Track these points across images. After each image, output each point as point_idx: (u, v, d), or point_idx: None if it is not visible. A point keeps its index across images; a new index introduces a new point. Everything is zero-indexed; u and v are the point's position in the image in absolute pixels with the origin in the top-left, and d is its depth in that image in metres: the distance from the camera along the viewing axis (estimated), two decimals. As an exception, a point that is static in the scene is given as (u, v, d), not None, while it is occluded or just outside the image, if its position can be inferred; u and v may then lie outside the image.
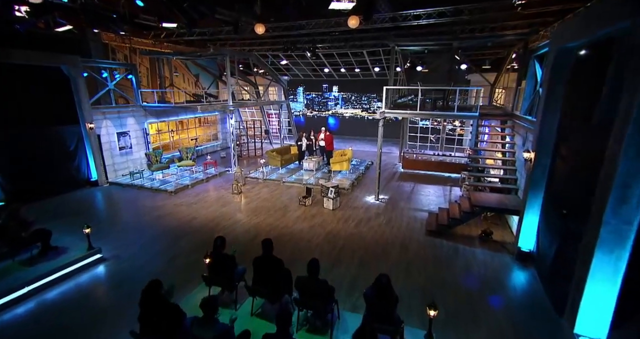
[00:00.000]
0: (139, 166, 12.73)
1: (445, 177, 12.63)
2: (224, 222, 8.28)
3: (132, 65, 12.53)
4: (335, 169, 12.40)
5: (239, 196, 10.25)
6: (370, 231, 7.82)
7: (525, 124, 7.09)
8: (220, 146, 17.73)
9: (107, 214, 8.99)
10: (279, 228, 7.94)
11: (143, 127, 12.91)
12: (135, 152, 12.67)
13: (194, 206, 9.37)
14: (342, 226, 8.06)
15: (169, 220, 8.41)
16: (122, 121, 12.12)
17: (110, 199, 10.15)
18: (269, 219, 8.46)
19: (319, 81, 21.53)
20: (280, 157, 12.81)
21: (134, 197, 10.18)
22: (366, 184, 11.70)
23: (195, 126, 16.59)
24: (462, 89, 11.35)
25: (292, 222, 8.27)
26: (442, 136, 15.30)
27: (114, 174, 11.89)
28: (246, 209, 9.20)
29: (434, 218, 8.08)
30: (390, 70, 9.71)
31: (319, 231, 7.81)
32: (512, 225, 7.75)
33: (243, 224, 8.14)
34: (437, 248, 6.96)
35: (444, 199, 10.06)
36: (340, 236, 7.55)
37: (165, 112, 13.85)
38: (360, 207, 9.42)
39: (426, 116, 8.52)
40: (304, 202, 9.41)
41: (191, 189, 10.92)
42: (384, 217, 8.66)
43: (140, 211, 9.05)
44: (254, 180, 11.96)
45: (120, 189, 10.99)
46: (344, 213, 8.91)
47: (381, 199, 9.96)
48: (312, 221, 8.36)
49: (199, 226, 8.04)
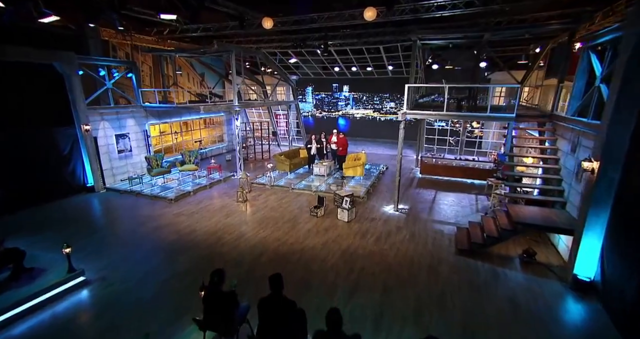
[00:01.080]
0: (140, 170, 12.00)
1: (468, 184, 11.59)
2: (227, 236, 7.42)
3: (132, 63, 11.81)
4: (348, 174, 11.47)
5: (244, 205, 9.39)
6: (392, 248, 6.87)
7: (576, 127, 6.06)
8: (226, 148, 16.94)
9: (99, 224, 8.21)
10: (288, 244, 7.04)
11: (144, 129, 12.17)
12: (135, 155, 11.93)
13: (195, 216, 8.54)
14: (359, 242, 7.12)
15: (167, 232, 7.59)
16: (122, 122, 11.40)
17: (105, 207, 9.40)
18: (277, 233, 7.57)
19: (329, 80, 20.59)
20: (288, 161, 11.93)
21: (131, 205, 9.40)
22: (382, 191, 10.74)
23: (200, 127, 15.85)
24: (484, 89, 10.28)
25: (302, 237, 7.37)
26: (462, 138, 14.24)
27: (112, 179, 11.17)
28: (252, 220, 8.33)
29: (465, 234, 7.08)
30: (411, 68, 8.77)
31: (333, 248, 6.89)
32: (556, 243, 6.71)
33: (248, 239, 7.27)
34: (472, 272, 5.97)
35: (471, 210, 9.04)
36: (359, 254, 6.61)
37: (168, 113, 13.11)
38: (378, 218, 8.47)
39: (454, 117, 7.54)
40: (315, 213, 8.50)
41: (193, 197, 10.11)
42: (406, 231, 7.69)
43: (137, 221, 8.26)
44: (260, 186, 11.10)
45: (118, 195, 10.23)
46: (360, 226, 7.97)
47: (401, 209, 8.99)
48: (325, 236, 7.44)
49: (199, 240, 7.19)
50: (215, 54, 13.17)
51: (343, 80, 20.39)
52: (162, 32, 13.61)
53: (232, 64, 11.08)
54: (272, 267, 6.09)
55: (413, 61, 8.71)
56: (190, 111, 13.98)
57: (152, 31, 13.66)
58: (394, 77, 18.12)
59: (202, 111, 10.16)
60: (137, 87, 11.84)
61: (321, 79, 20.44)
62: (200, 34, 12.92)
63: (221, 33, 12.52)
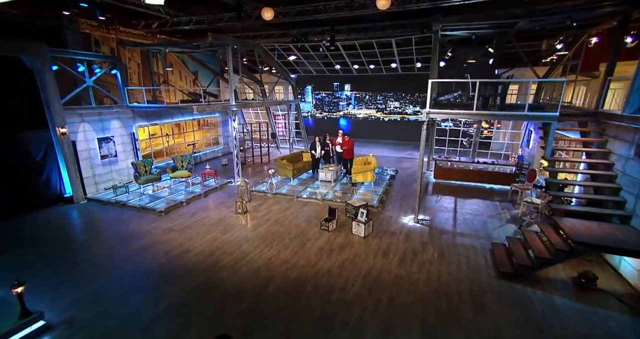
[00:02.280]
0: (126, 178, 10.82)
1: (487, 189, 10.64)
2: (225, 257, 6.31)
3: (115, 58, 10.64)
4: (357, 180, 10.42)
5: (244, 217, 8.29)
6: (421, 271, 5.83)
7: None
8: (222, 151, 15.80)
9: (74, 244, 7.03)
10: (299, 267, 5.96)
11: (131, 132, 11.00)
12: (121, 161, 10.75)
13: (187, 232, 7.41)
14: (382, 264, 6.08)
15: (155, 254, 6.45)
16: (105, 124, 10.21)
17: (84, 222, 8.21)
18: (285, 253, 6.48)
19: (331, 78, 19.57)
20: (291, 166, 10.85)
21: (115, 218, 8.23)
22: (396, 199, 9.72)
23: (193, 129, 14.68)
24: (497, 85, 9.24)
25: (314, 258, 6.29)
26: (476, 139, 13.31)
27: (95, 188, 9.97)
28: (254, 236, 7.23)
29: (503, 252, 6.09)
30: (432, 62, 7.79)
31: (352, 271, 5.82)
32: (616, 264, 5.71)
33: (251, 261, 6.17)
34: (525, 302, 4.95)
35: (500, 221, 8.05)
36: (384, 280, 5.56)
37: (158, 113, 11.95)
38: (397, 232, 7.43)
39: (486, 117, 6.55)
40: (326, 227, 7.44)
41: (186, 207, 8.97)
42: (434, 248, 6.67)
43: (119, 239, 7.11)
44: (261, 195, 10.00)
45: (100, 207, 9.05)
46: (379, 242, 6.93)
47: (421, 220, 7.97)
48: (341, 255, 6.38)
49: (192, 264, 6.07)
50: (209, 49, 12.06)
51: (345, 79, 19.39)
52: (151, 25, 12.47)
53: (228, 60, 9.98)
54: (282, 299, 5.02)
55: (435, 54, 7.73)
56: (182, 111, 12.85)
57: (140, 24, 12.50)
58: (404, 74, 17.18)
59: (196, 112, 9.05)
60: (122, 86, 10.67)
61: (322, 77, 19.41)
62: (192, 28, 11.80)
63: (215, 26, 11.42)
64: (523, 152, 12.26)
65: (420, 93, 18.19)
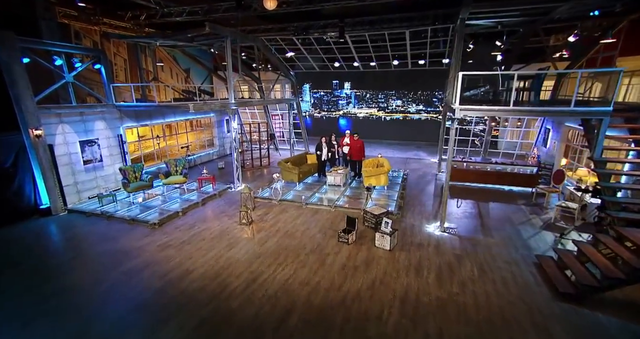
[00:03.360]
0: (114, 185, 9.72)
1: (506, 191, 9.96)
2: (234, 280, 5.36)
3: (99, 51, 9.53)
4: (369, 184, 9.58)
5: (250, 229, 7.35)
6: (465, 292, 5.02)
7: None
8: (217, 153, 14.75)
9: (51, 267, 5.95)
10: (322, 291, 5.07)
11: (118, 134, 9.89)
12: (107, 166, 9.64)
13: (186, 248, 6.43)
14: (417, 284, 5.24)
15: (149, 277, 5.46)
16: (88, 126, 9.10)
17: (63, 238, 7.12)
18: (302, 272, 5.58)
19: (329, 77, 18.74)
20: (297, 169, 9.94)
21: (101, 233, 7.17)
22: (413, 204, 8.92)
23: (186, 130, 13.60)
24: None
25: (338, 277, 5.41)
26: (487, 138, 12.67)
27: (77, 198, 8.86)
28: (264, 251, 6.30)
29: (554, 268, 5.34)
30: (456, 54, 7.03)
31: (385, 294, 4.97)
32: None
33: (265, 284, 5.24)
34: (602, 334, 4.18)
35: (533, 228, 7.32)
36: (425, 305, 4.73)
37: (148, 113, 10.86)
38: (425, 243, 6.62)
39: (526, 114, 5.81)
40: (345, 239, 6.57)
41: (182, 218, 7.96)
42: (470, 262, 5.87)
43: (107, 258, 6.07)
44: (265, 201, 9.06)
45: (83, 219, 7.96)
46: (408, 256, 6.10)
47: (448, 229, 7.19)
48: (368, 274, 5.52)
49: (194, 290, 5.11)
50: (204, 43, 11.03)
51: (344, 77, 18.58)
52: (138, 17, 11.38)
53: (227, 54, 9.01)
54: (309, 336, 4.12)
55: (460, 44, 6.97)
56: (175, 111, 11.80)
57: (126, 16, 11.39)
58: (406, 70, 16.46)
59: (192, 111, 8.05)
60: (107, 82, 9.56)
61: (320, 75, 18.56)
62: (185, 19, 10.79)
63: (211, 17, 10.43)
64: (539, 152, 11.66)
65: (424, 91, 17.54)
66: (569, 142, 9.89)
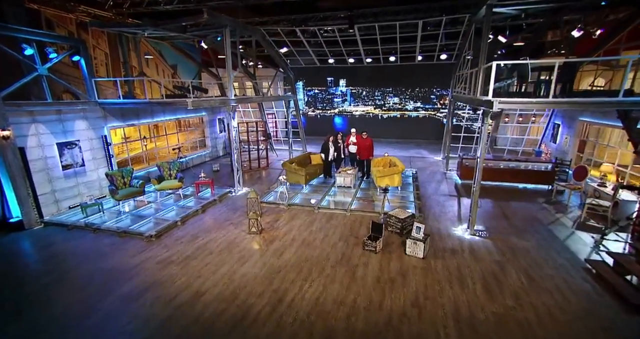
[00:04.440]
0: (98, 192, 8.64)
1: (520, 189, 9.62)
2: (256, 301, 4.57)
3: (78, 41, 8.44)
4: (382, 184, 8.98)
5: (261, 238, 6.55)
6: (521, 304, 4.46)
7: None
8: (210, 155, 13.74)
9: (25, 295, 4.95)
10: (362, 311, 4.37)
11: (102, 135, 8.81)
12: (90, 171, 8.55)
13: (192, 264, 5.56)
14: (465, 297, 4.64)
15: (151, 304, 4.58)
16: (67, 126, 8.00)
17: (40, 258, 6.06)
18: (333, 289, 4.86)
19: (323, 74, 18.06)
20: (303, 170, 9.20)
21: (87, 249, 6.18)
22: (431, 205, 8.37)
23: (177, 130, 12.55)
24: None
25: (376, 293, 4.73)
26: (494, 135, 12.38)
27: (55, 208, 7.75)
28: (283, 265, 5.53)
29: (612, 274, 4.87)
30: (484, 43, 6.52)
31: (435, 312, 4.33)
32: None
33: (293, 306, 4.49)
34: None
35: (565, 228, 6.91)
36: (482, 323, 4.12)
37: (135, 112, 9.81)
38: (458, 249, 6.05)
39: (574, 105, 5.32)
40: (373, 247, 5.91)
41: (182, 228, 7.06)
42: (514, 269, 5.34)
43: (96, 282, 5.13)
44: (272, 206, 8.27)
45: (63, 233, 6.90)
46: (445, 265, 5.50)
47: (478, 232, 6.66)
48: (407, 287, 4.86)
49: (211, 318, 4.28)
50: (197, 34, 10.07)
51: (340, 74, 17.96)
52: (121, 5, 10.29)
53: (225, 46, 8.15)
54: (364, 372, 3.41)
55: (485, 36, 6.46)
56: (165, 109, 10.78)
57: (107, 4, 10.27)
58: (404, 65, 15.98)
59: (190, 107, 7.16)
60: (88, 77, 8.48)
61: (314, 72, 17.82)
62: (175, 8, 9.81)
63: (205, 5, 9.51)
64: (547, 148, 11.44)
65: (422, 87, 17.17)
66: (584, 138, 9.65)
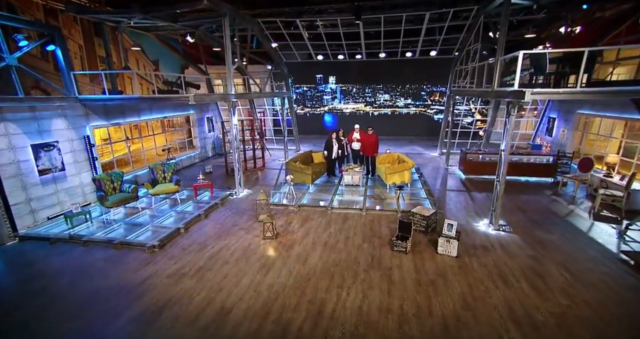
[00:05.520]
0: (81, 199, 7.68)
1: (523, 182, 9.68)
2: (293, 317, 4.04)
3: (53, 27, 7.46)
4: (391, 181, 8.68)
5: (278, 243, 6.00)
6: (575, 301, 4.25)
7: None
8: (199, 156, 12.87)
9: (1, 333, 4.12)
10: (413, 318, 3.97)
11: (84, 135, 7.84)
12: (72, 175, 7.57)
13: (209, 277, 4.92)
14: (515, 296, 4.38)
15: (171, 326, 3.93)
16: (43, 125, 7.00)
17: (18, 279, 5.14)
18: (373, 295, 4.43)
19: (312, 71, 17.58)
20: (310, 170, 8.70)
21: (77, 265, 5.34)
22: (444, 201, 8.18)
23: (160, 131, 11.59)
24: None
25: (420, 297, 4.36)
26: (490, 129, 12.50)
27: (31, 219, 6.76)
28: (311, 272, 5.02)
29: (649, 262, 4.81)
30: (502, 33, 6.34)
31: (489, 314, 4.02)
32: None
33: (336, 318, 4.00)
34: None
35: (583, 220, 6.92)
36: (543, 325, 3.86)
37: (120, 110, 8.87)
38: (488, 245, 5.83)
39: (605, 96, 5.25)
40: (403, 248, 5.54)
41: (186, 236, 6.34)
42: (553, 265, 5.16)
43: (95, 305, 4.37)
44: (280, 208, 7.71)
45: (46, 248, 5.97)
46: (481, 263, 5.24)
47: (502, 226, 6.49)
48: (450, 289, 4.53)
49: (246, 337, 3.72)
50: (189, 24, 9.28)
51: (329, 71, 17.56)
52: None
53: (225, 36, 7.49)
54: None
55: (505, 23, 6.31)
56: (152, 106, 9.89)
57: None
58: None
59: (192, 102, 6.46)
60: (66, 69, 7.50)
61: (304, 69, 17.25)
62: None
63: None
64: (542, 141, 11.66)
65: (412, 84, 17.16)
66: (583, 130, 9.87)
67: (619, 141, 8.67)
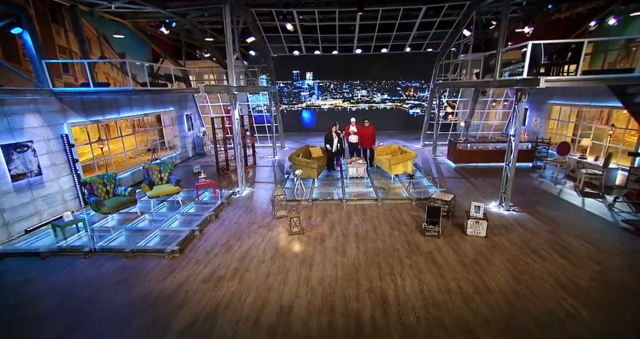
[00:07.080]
0: (62, 206, 6.69)
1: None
2: (361, 308, 3.88)
3: (19, 6, 6.37)
4: (396, 172, 8.81)
5: (308, 238, 5.75)
6: (608, 267, 4.64)
7: None
8: (180, 157, 11.93)
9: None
10: (477, 297, 4.04)
11: (61, 134, 6.82)
12: (49, 180, 6.54)
13: (249, 277, 4.55)
14: (554, 267, 4.67)
15: (234, 334, 3.55)
16: (14, 122, 5.96)
17: (19, 300, 4.31)
18: (427, 278, 4.42)
19: (289, 66, 17.25)
20: (316, 164, 8.49)
21: (87, 279, 4.61)
22: (447, 187, 8.50)
23: (147, 128, 10.54)
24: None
25: (474, 277, 4.45)
26: (469, 121, 13.30)
27: (6, 233, 5.73)
28: (355, 262, 4.88)
29: (649, 227, 5.43)
30: (501, 25, 6.72)
31: (540, 286, 4.24)
32: None
33: (403, 305, 3.92)
34: None
35: (574, 197, 7.62)
36: (594, 292, 4.15)
37: (100, 105, 7.88)
38: (507, 224, 6.16)
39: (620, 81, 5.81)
40: (435, 232, 5.63)
41: (203, 238, 5.81)
42: (572, 237, 5.59)
43: (131, 320, 3.80)
44: (293, 203, 7.40)
45: (36, 264, 5.08)
46: (510, 240, 5.51)
47: (512, 207, 6.92)
48: (494, 266, 4.70)
49: (322, 335, 3.48)
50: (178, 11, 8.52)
51: (306, 66, 17.38)
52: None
53: (225, 25, 7.00)
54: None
55: (505, 17, 6.71)
56: (132, 102, 8.97)
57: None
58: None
59: (202, 93, 5.92)
60: (37, 57, 6.46)
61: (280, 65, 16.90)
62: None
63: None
64: (515, 130, 12.67)
65: (388, 80, 17.62)
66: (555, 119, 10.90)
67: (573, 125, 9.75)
